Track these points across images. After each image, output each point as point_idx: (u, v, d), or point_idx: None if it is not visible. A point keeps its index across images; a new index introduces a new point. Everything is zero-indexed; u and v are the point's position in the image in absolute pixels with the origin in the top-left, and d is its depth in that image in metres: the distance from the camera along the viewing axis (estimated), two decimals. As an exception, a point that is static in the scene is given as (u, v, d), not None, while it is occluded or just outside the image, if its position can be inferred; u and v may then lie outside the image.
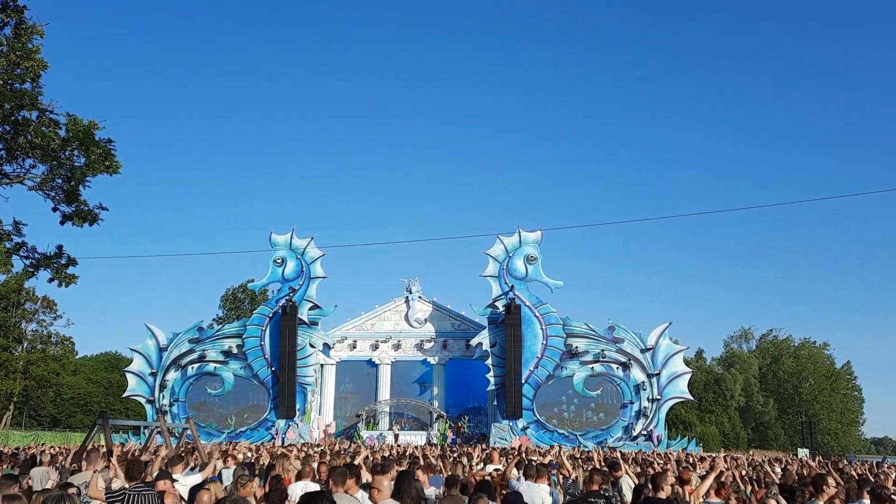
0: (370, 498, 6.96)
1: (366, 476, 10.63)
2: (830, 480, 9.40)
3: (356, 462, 10.52)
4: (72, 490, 6.78)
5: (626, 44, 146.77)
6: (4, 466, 13.80)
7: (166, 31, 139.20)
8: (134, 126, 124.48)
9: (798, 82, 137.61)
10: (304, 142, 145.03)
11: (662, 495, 8.34)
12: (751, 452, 40.87)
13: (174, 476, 9.60)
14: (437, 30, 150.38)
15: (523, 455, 15.71)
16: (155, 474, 8.97)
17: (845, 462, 27.63)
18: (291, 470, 10.99)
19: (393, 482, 7.38)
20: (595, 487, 8.95)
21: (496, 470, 12.24)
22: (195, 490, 8.39)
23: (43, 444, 32.44)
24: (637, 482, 10.16)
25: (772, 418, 78.94)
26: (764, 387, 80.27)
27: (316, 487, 8.87)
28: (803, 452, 43.43)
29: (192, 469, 11.32)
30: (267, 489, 9.00)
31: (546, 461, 14.84)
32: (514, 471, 10.69)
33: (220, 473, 11.92)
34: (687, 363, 45.81)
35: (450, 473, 10.84)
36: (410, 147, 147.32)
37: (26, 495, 6.48)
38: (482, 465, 13.54)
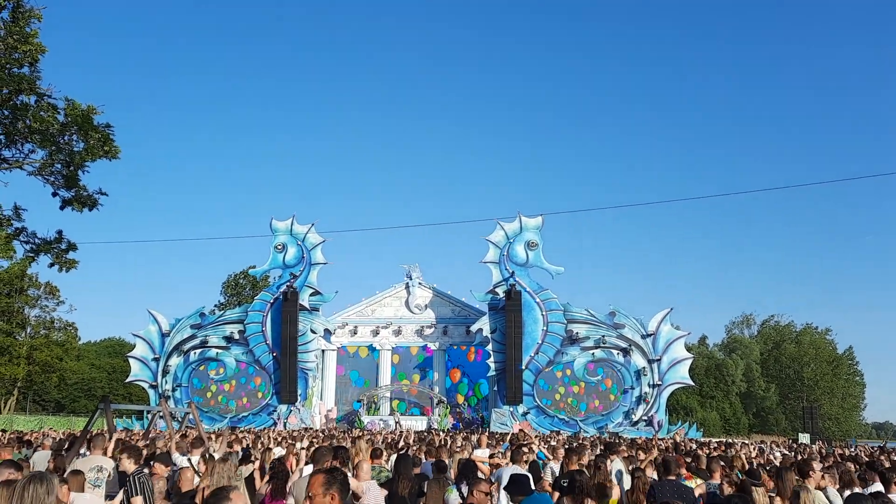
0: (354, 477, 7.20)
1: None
2: (815, 465, 9.47)
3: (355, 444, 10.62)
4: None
5: (626, 28, 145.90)
6: (14, 450, 13.91)
7: (166, 14, 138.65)
8: (135, 110, 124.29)
9: (798, 67, 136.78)
10: (304, 127, 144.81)
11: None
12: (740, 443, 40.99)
13: (193, 457, 9.78)
14: (437, 15, 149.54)
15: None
16: (157, 455, 9.10)
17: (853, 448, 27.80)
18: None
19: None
20: (573, 467, 9.06)
21: (493, 456, 12.30)
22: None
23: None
24: (628, 467, 10.27)
25: (773, 404, 79.18)
26: (765, 372, 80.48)
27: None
28: (804, 437, 43.60)
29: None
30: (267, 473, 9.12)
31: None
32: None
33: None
34: (688, 349, 45.90)
35: (437, 458, 10.95)
36: (411, 132, 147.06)
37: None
38: (471, 449, 13.62)
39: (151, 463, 8.52)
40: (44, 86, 15.84)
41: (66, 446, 12.48)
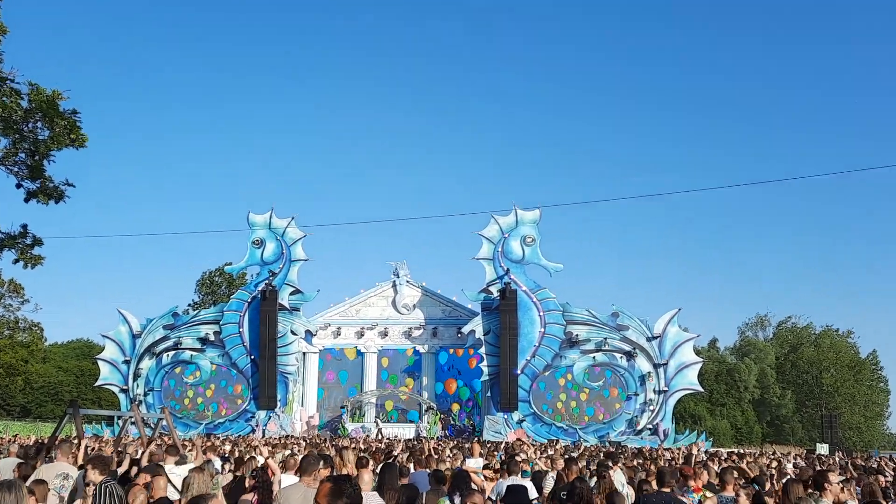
0: None
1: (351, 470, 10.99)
2: (832, 477, 9.69)
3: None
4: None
5: (631, 17, 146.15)
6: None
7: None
8: (104, 98, 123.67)
9: (818, 59, 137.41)
10: (284, 116, 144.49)
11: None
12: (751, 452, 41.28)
13: (167, 466, 10.03)
14: (429, 5, 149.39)
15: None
16: (144, 466, 9.38)
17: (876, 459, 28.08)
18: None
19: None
20: (574, 476, 9.32)
21: (487, 467, 12.56)
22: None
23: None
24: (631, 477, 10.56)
25: (789, 411, 79.42)
26: (781, 378, 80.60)
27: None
28: (823, 448, 43.79)
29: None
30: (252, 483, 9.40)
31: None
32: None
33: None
34: (698, 352, 46.08)
35: (435, 468, 11.19)
36: (398, 120, 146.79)
37: None
38: (462, 459, 13.89)
39: (138, 473, 8.79)
40: (6, 69, 15.95)
41: (32, 453, 12.69)
